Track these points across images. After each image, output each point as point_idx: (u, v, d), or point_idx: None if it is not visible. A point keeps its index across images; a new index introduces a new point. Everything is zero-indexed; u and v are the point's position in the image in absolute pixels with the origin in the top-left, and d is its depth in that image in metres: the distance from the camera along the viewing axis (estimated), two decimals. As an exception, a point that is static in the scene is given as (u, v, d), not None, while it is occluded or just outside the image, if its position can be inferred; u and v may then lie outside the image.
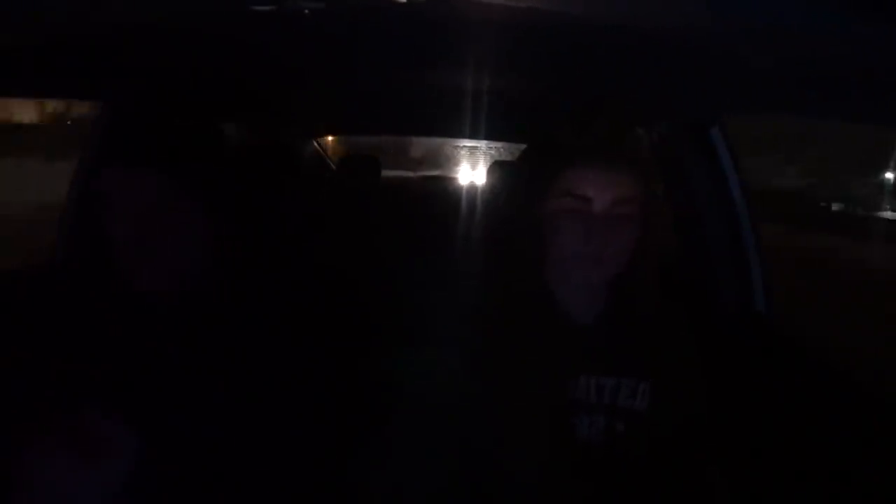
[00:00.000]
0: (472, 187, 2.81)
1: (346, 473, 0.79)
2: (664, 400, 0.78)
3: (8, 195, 6.20)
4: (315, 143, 2.96)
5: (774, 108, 1.06)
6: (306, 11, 0.63)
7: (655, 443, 0.77)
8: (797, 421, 0.99)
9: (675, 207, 1.41)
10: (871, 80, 0.63)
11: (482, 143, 3.27)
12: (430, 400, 0.77)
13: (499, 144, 3.16)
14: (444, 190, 2.91)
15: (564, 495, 0.74)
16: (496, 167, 2.30)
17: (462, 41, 0.80)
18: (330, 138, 3.19)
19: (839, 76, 0.66)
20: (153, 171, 0.72)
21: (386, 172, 2.62)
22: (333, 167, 2.87)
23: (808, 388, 1.01)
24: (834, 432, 0.92)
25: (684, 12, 0.55)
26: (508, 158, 2.92)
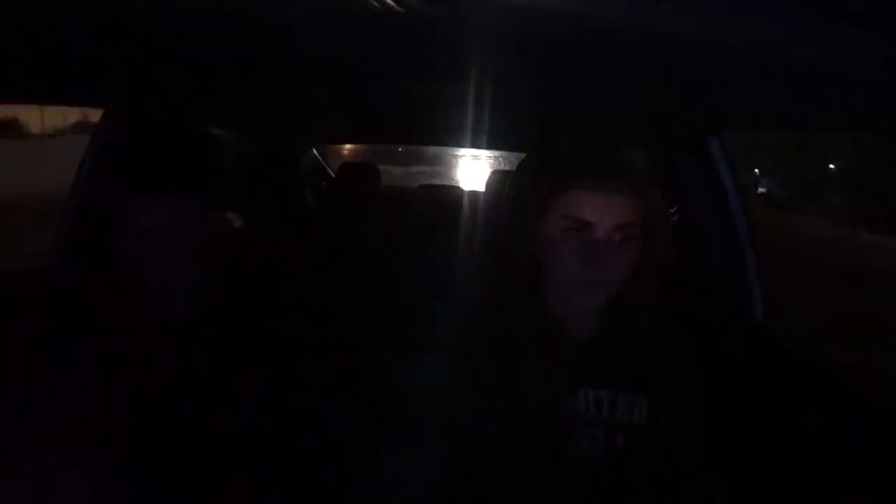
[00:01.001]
0: (473, 194, 2.82)
1: (345, 482, 0.78)
2: (662, 415, 0.78)
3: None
4: (314, 151, 2.96)
5: (772, 121, 1.06)
6: (306, 20, 0.64)
7: (655, 457, 0.77)
8: (798, 433, 0.99)
9: (673, 217, 1.41)
10: (866, 90, 0.63)
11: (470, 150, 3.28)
12: (428, 413, 0.77)
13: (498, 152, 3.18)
14: (444, 196, 2.92)
15: None
16: (495, 176, 2.30)
17: (462, 51, 0.80)
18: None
19: (833, 87, 0.67)
20: (169, 194, 0.72)
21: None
22: (332, 175, 2.87)
23: (808, 399, 1.00)
24: (835, 444, 0.91)
25: (682, 26, 0.55)
26: (508, 167, 2.93)
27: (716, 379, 0.95)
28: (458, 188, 3.29)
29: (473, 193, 2.84)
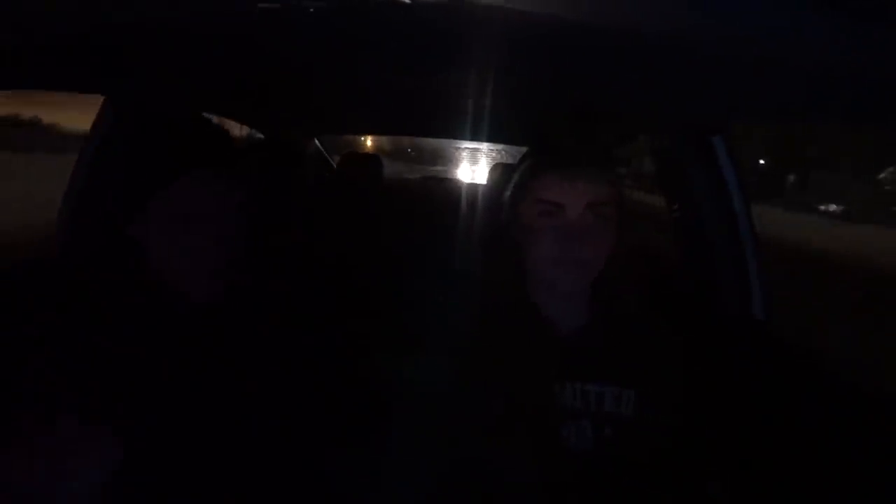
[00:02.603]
0: (473, 186, 2.82)
1: (338, 476, 0.78)
2: (650, 408, 0.78)
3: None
4: (316, 142, 2.95)
5: (776, 115, 1.06)
6: (311, 10, 0.63)
7: (645, 451, 0.77)
8: (800, 430, 0.98)
9: (675, 213, 1.41)
10: (871, 83, 0.63)
11: (484, 144, 3.29)
12: (418, 407, 0.77)
13: (500, 146, 3.17)
14: (447, 188, 2.91)
15: (555, 503, 0.74)
16: (496, 169, 2.29)
17: (465, 44, 0.80)
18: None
19: (839, 80, 0.66)
20: (192, 175, 0.72)
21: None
22: (334, 166, 2.86)
23: (810, 395, 1.00)
24: (838, 440, 0.91)
25: (686, 20, 0.55)
26: (511, 160, 2.93)
27: (716, 375, 0.95)
28: (461, 181, 3.30)
29: (473, 186, 2.84)
